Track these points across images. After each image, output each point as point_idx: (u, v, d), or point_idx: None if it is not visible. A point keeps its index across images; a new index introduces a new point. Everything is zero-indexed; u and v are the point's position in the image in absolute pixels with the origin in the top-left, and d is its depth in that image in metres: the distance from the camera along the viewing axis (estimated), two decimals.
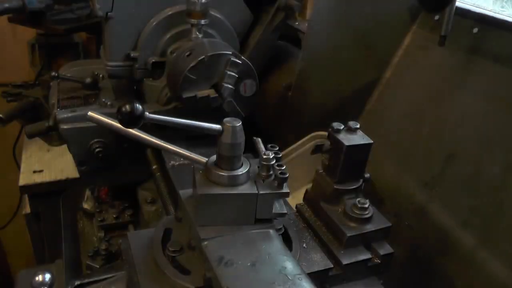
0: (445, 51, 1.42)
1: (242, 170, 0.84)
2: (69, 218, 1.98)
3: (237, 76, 1.39)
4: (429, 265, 1.31)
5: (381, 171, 1.52)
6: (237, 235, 0.83)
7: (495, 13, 1.28)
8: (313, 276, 0.87)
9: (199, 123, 0.82)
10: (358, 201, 0.99)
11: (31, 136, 1.71)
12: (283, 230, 0.96)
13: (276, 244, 0.83)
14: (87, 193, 1.99)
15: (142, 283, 0.83)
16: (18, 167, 2.55)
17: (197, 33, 1.49)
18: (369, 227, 0.98)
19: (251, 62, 1.43)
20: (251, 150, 0.97)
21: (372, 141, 1.00)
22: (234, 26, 1.67)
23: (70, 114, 1.52)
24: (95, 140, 1.56)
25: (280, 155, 0.91)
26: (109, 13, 1.47)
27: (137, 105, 0.74)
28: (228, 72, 1.37)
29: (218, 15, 1.62)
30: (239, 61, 1.38)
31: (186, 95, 1.38)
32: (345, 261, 0.94)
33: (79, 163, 1.59)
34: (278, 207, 0.88)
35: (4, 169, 3.30)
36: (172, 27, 1.57)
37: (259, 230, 0.85)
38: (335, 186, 1.01)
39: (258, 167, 0.87)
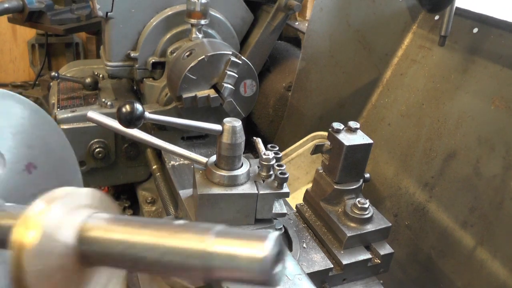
0: (445, 51, 1.42)
1: (242, 170, 0.84)
2: None
3: (237, 76, 1.39)
4: (429, 265, 1.31)
5: (381, 171, 1.52)
6: None
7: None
8: (313, 276, 0.87)
9: (199, 123, 0.82)
10: (358, 201, 0.99)
11: None
12: (283, 230, 0.96)
13: None
14: None
15: (142, 283, 0.83)
16: None
17: (197, 33, 1.49)
18: (369, 227, 0.98)
19: (251, 62, 1.43)
20: (251, 150, 0.97)
21: (372, 141, 1.00)
22: (234, 26, 1.67)
23: (70, 114, 1.52)
24: (95, 140, 1.57)
25: (280, 155, 0.91)
26: (109, 13, 1.48)
27: (137, 105, 0.74)
28: (228, 72, 1.37)
29: (218, 15, 1.62)
30: (239, 61, 1.38)
31: (186, 95, 1.38)
32: (345, 261, 0.94)
33: (79, 163, 1.59)
34: (278, 207, 0.88)
35: None
36: (172, 27, 1.57)
37: (259, 230, 0.85)
38: (335, 186, 1.01)
39: (258, 167, 0.87)
